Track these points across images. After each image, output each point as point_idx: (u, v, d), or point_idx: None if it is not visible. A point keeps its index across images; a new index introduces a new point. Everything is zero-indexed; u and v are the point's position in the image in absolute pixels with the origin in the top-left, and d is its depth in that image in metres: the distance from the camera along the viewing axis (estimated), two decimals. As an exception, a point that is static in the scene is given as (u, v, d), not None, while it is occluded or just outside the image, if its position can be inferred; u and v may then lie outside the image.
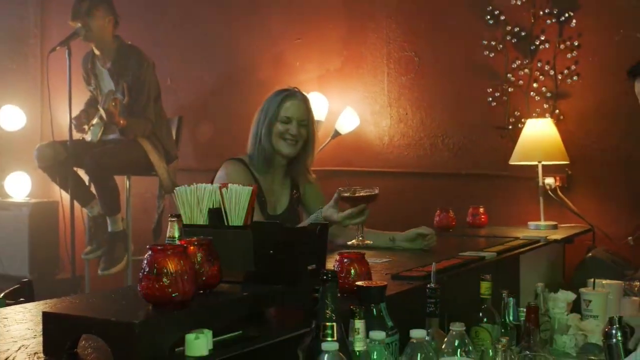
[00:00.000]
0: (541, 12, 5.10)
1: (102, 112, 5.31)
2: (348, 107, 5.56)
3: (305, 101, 3.66)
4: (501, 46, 5.20)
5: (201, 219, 2.10)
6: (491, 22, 5.24)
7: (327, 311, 1.83)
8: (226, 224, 2.09)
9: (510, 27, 5.19)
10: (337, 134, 5.55)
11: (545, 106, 5.08)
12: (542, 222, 4.68)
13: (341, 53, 5.77)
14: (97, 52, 5.56)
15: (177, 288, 1.69)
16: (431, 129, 5.48)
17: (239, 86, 6.03)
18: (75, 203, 5.54)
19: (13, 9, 7.00)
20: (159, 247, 1.73)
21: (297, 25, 5.93)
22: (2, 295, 2.87)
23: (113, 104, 5.16)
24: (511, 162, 4.79)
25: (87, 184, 5.64)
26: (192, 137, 6.23)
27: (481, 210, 4.72)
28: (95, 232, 5.64)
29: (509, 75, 5.19)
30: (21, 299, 2.71)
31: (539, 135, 4.74)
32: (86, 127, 5.53)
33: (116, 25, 5.50)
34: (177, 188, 2.12)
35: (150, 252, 1.71)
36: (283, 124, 3.58)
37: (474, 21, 5.31)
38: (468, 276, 2.95)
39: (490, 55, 5.23)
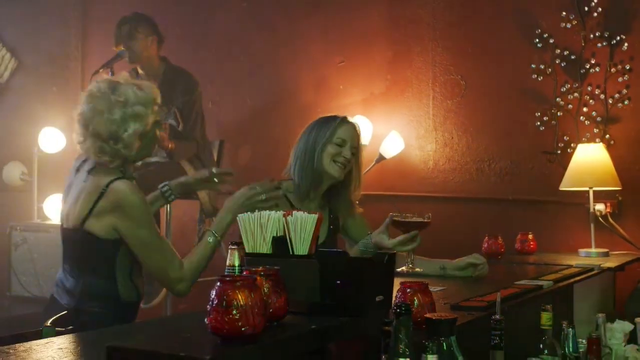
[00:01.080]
0: (592, 36, 5.01)
1: None
2: (393, 131, 5.48)
3: (358, 129, 3.57)
4: (550, 70, 5.12)
5: (265, 248, 2.02)
6: (540, 45, 5.15)
7: (401, 346, 1.74)
8: (291, 252, 2.00)
9: (559, 51, 5.10)
10: (381, 158, 5.47)
11: (596, 131, 4.97)
12: (593, 249, 4.55)
13: (385, 77, 5.70)
14: (141, 72, 5.49)
15: (247, 321, 1.61)
16: (477, 153, 5.39)
17: (281, 110, 5.98)
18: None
19: (55, 31, 6.99)
20: (228, 279, 1.65)
21: (340, 48, 5.87)
22: (49, 322, 2.80)
23: (162, 128, 5.06)
24: (562, 188, 4.68)
25: None
26: (232, 161, 6.15)
27: (530, 236, 4.58)
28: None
29: (558, 99, 5.10)
30: (70, 327, 2.64)
31: (590, 160, 4.63)
32: None
33: (160, 44, 5.42)
34: (240, 215, 2.04)
35: (219, 284, 1.64)
36: (337, 147, 3.48)
37: (522, 44, 5.23)
38: (526, 306, 2.86)
39: (539, 79, 5.14)
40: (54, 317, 2.85)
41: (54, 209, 6.47)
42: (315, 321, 1.87)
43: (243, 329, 1.60)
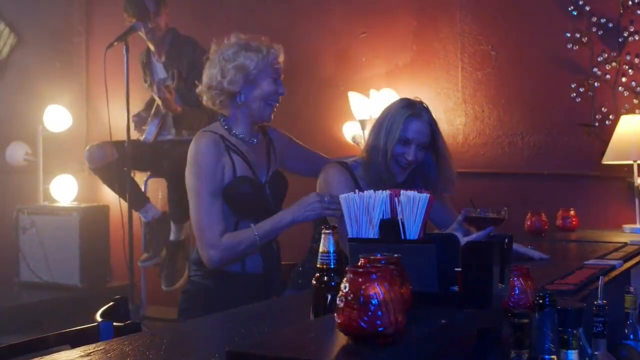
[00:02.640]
0: (630, 2, 4.81)
1: (157, 100, 5.03)
2: None
3: (429, 120, 3.30)
4: (586, 38, 4.92)
5: (371, 232, 1.80)
6: (575, 12, 4.95)
7: (547, 342, 1.54)
8: (402, 237, 1.78)
9: (596, 18, 4.90)
10: None
11: (635, 101, 4.80)
12: (639, 225, 4.37)
13: (411, 47, 5.49)
14: (152, 48, 5.28)
15: (389, 319, 1.39)
16: (509, 127, 5.20)
17: (300, 84, 5.71)
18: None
19: (57, 6, 6.76)
20: (361, 270, 1.43)
21: (362, 18, 5.66)
22: (99, 314, 2.56)
23: (167, 90, 4.87)
24: (605, 162, 4.52)
25: (140, 186, 5.40)
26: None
27: (572, 212, 4.40)
28: (151, 239, 5.37)
29: (594, 69, 4.91)
30: (128, 322, 2.41)
31: (634, 132, 4.45)
32: (145, 127, 5.25)
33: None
34: (342, 196, 1.81)
35: (351, 276, 1.42)
36: (402, 146, 3.25)
37: (556, 12, 5.03)
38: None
39: (574, 49, 4.94)
40: (104, 308, 2.61)
41: (61, 190, 6.27)
42: (439, 314, 1.66)
43: (384, 328, 1.39)
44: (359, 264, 1.55)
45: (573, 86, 4.94)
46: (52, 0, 6.75)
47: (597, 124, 4.89)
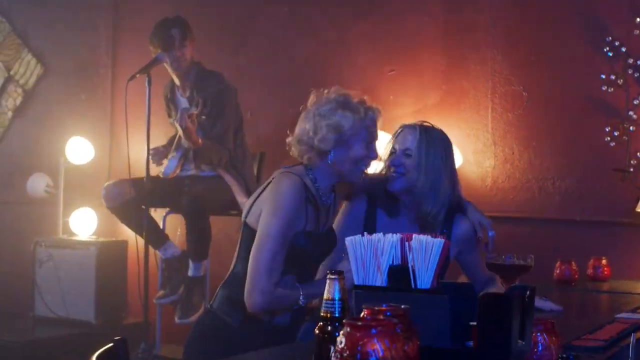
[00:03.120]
0: (668, 44, 4.66)
1: (179, 130, 4.89)
2: None
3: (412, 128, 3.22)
4: (621, 80, 4.77)
5: (379, 279, 1.64)
6: (610, 54, 4.81)
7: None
8: (413, 285, 1.62)
9: (632, 60, 4.76)
10: None
11: (672, 147, 4.61)
12: (675, 276, 4.18)
13: (440, 87, 5.36)
14: (177, 81, 5.18)
15: (389, 380, 1.23)
16: (540, 171, 5.04)
17: None
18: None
19: (84, 37, 6.70)
20: (359, 323, 1.27)
21: (390, 55, 5.54)
22: (95, 357, 2.40)
23: (189, 119, 4.75)
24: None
25: (158, 224, 5.29)
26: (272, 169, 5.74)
27: (603, 262, 4.22)
28: (169, 276, 5.23)
29: (630, 112, 4.76)
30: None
31: (671, 179, 4.27)
32: (165, 160, 5.15)
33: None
34: (348, 238, 1.66)
35: (349, 329, 1.26)
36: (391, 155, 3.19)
37: (590, 53, 4.90)
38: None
39: (609, 91, 4.79)
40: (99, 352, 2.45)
41: (80, 223, 6.18)
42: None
43: (383, 390, 1.22)
44: (360, 315, 1.39)
45: (607, 130, 4.79)
46: (79, 30, 6.69)
47: (632, 170, 4.73)
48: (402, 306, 1.45)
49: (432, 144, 3.17)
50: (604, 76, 4.79)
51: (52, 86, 6.78)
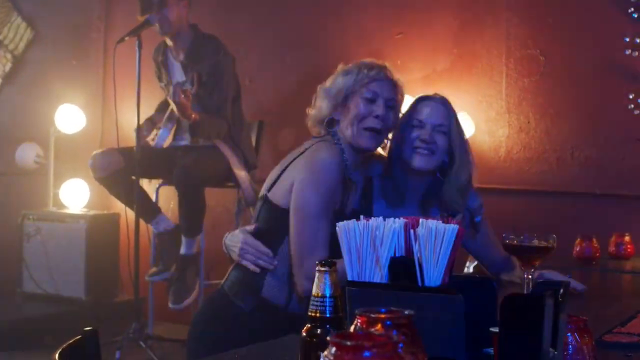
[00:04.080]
0: (698, 4, 4.39)
1: (172, 105, 4.65)
2: (461, 112, 4.84)
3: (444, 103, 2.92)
4: (647, 44, 4.49)
5: (378, 274, 1.32)
6: (635, 15, 4.55)
7: None
8: (420, 283, 1.30)
9: (658, 21, 4.49)
10: None
11: (701, 114, 4.35)
12: None
13: (451, 51, 5.10)
14: (169, 42, 4.90)
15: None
16: (558, 141, 4.80)
17: None
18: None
19: (76, 0, 6.39)
20: (349, 343, 0.95)
21: (397, 17, 5.27)
22: (57, 354, 2.09)
23: (184, 95, 4.50)
24: None
25: (150, 196, 5.06)
26: (273, 145, 5.55)
27: (626, 238, 3.97)
28: (160, 251, 4.98)
29: (655, 78, 4.50)
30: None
31: (700, 150, 3.98)
32: (150, 136, 4.93)
33: (189, 6, 4.88)
34: (341, 224, 1.34)
35: (334, 350, 0.95)
36: (416, 129, 2.82)
37: (613, 14, 4.65)
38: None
39: (633, 55, 4.55)
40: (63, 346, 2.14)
41: (71, 195, 5.92)
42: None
43: None
44: (353, 323, 1.07)
45: (631, 97, 4.56)
46: (71, -8, 6.40)
47: None
48: (406, 312, 1.13)
49: (459, 121, 2.93)
50: (627, 39, 4.56)
51: (43, 51, 6.50)
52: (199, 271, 4.91)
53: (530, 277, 2.51)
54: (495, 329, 1.31)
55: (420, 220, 1.33)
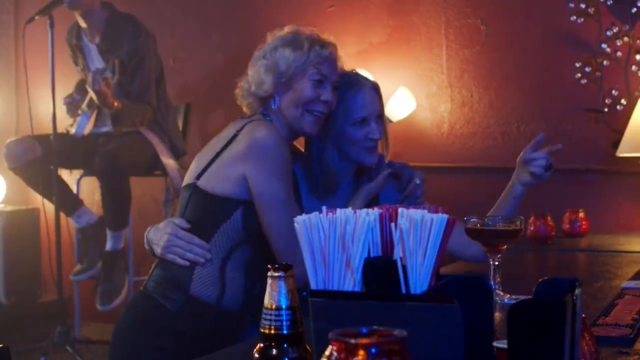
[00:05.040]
0: (645, -34, 4.27)
1: (91, 94, 4.34)
2: (400, 87, 4.64)
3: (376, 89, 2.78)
4: (593, 9, 4.35)
5: (350, 280, 1.03)
6: (580, -21, 4.38)
7: None
8: (404, 290, 1.02)
9: (604, -14, 4.33)
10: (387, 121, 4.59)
11: (651, 83, 4.24)
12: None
13: (387, 22, 4.87)
14: (83, 24, 4.58)
15: None
16: (503, 114, 4.61)
17: None
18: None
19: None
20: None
21: None
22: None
23: (104, 83, 4.22)
24: (620, 154, 4.00)
25: (70, 187, 4.73)
26: (202, 128, 5.29)
27: (581, 215, 3.77)
28: (84, 247, 4.66)
29: (603, 45, 4.35)
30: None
31: (655, 119, 3.85)
32: (80, 111, 4.62)
33: None
34: (299, 218, 1.05)
35: (335, 354, 0.68)
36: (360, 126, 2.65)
37: None
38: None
39: (579, 22, 4.37)
40: None
41: None
42: None
43: None
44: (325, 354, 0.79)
45: (578, 65, 4.39)
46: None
47: (606, 110, 4.34)
48: (397, 332, 0.85)
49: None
50: (572, 5, 4.38)
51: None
52: (127, 267, 4.64)
53: (496, 263, 2.27)
54: (500, 344, 1.04)
55: (400, 209, 1.05)
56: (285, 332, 1.15)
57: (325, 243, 1.04)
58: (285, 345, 1.16)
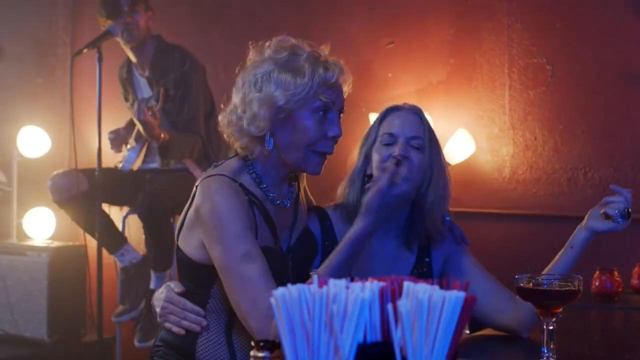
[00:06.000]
0: None
1: (138, 125, 4.28)
2: (459, 129, 4.49)
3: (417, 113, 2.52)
4: (669, 50, 4.20)
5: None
6: (654, 18, 4.24)
7: None
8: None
9: (682, 25, 4.20)
10: None
11: None
12: None
13: (447, 61, 4.74)
14: (133, 58, 4.58)
15: None
16: (569, 159, 4.44)
17: None
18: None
19: (41, 14, 5.95)
20: None
21: (389, 25, 4.91)
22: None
23: (150, 112, 4.19)
24: None
25: (116, 224, 4.69)
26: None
27: None
28: (128, 288, 4.56)
29: (680, 88, 4.20)
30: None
31: None
32: (124, 147, 4.62)
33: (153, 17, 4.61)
34: (277, 291, 0.85)
35: None
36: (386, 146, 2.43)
37: (629, 18, 4.34)
38: None
39: None
40: None
41: (36, 225, 5.49)
42: None
43: None
44: None
45: None
46: (36, 6, 5.97)
47: None
48: None
49: (435, 135, 2.54)
50: None
51: (7, 70, 6.07)
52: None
53: (551, 328, 2.04)
54: None
55: (405, 283, 0.84)
56: None
57: (309, 323, 0.83)
58: None
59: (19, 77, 5.99)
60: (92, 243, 4.75)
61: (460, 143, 4.46)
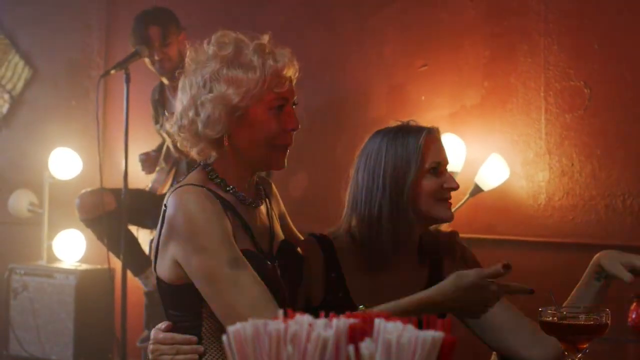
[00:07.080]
0: None
1: (167, 140, 4.22)
2: (493, 154, 4.34)
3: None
4: None
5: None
6: (696, 39, 4.03)
7: None
8: None
9: None
10: (477, 189, 4.34)
11: None
12: None
13: (481, 84, 4.60)
14: (166, 81, 4.52)
15: None
16: (607, 186, 4.27)
17: (345, 126, 4.90)
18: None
19: (75, 36, 5.97)
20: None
21: (421, 48, 4.79)
22: None
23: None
24: None
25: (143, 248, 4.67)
26: (282, 191, 4.95)
27: None
28: (152, 313, 4.49)
29: None
30: None
31: None
32: (157, 168, 4.62)
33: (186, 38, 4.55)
34: (230, 328, 0.75)
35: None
36: (433, 176, 2.32)
37: None
38: None
39: None
40: None
41: (66, 247, 5.50)
42: None
43: None
44: None
45: None
46: (70, 29, 5.99)
47: None
48: None
49: None
50: None
51: (41, 91, 6.10)
52: (194, 334, 4.41)
53: (577, 364, 1.91)
54: None
55: (376, 321, 0.73)
56: None
57: (263, 363, 0.73)
58: None
59: (53, 99, 6.02)
60: (119, 266, 4.71)
61: (494, 168, 4.33)
